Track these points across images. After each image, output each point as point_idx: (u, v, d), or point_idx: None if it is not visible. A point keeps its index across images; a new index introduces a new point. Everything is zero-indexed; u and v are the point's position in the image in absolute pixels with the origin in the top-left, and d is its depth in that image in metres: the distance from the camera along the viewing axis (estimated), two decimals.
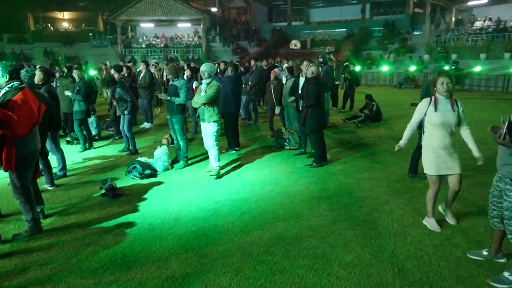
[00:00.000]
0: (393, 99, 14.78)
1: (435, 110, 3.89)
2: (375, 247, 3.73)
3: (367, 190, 5.26)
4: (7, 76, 3.79)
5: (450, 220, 4.19)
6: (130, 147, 7.37)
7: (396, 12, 31.42)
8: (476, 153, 3.89)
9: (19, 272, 3.39)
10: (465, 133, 3.97)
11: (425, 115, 3.99)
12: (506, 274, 3.11)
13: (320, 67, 10.49)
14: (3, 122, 3.39)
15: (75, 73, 7.67)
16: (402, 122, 10.17)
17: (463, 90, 17.83)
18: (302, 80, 6.69)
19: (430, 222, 4.10)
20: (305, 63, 6.82)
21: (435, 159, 3.94)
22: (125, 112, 7.08)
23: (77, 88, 7.34)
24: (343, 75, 12.68)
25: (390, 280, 3.20)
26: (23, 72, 4.73)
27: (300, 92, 6.51)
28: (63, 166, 5.96)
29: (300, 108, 6.42)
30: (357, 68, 15.70)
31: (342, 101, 12.34)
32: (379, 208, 4.65)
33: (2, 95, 3.71)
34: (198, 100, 5.80)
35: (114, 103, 7.53)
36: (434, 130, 3.93)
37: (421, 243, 3.78)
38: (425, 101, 4.03)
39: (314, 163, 6.38)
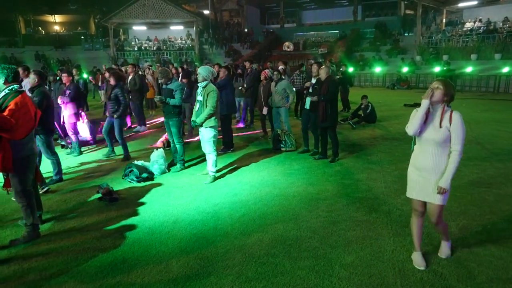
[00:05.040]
0: (386, 100, 14.88)
1: (425, 121, 3.18)
2: (375, 247, 3.75)
3: (365, 191, 5.29)
4: (8, 79, 3.76)
5: (440, 252, 3.55)
6: (123, 152, 7.26)
7: (387, 14, 31.76)
8: (442, 181, 3.12)
9: (18, 278, 3.35)
10: (451, 155, 3.13)
11: None
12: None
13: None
14: (1, 125, 3.36)
15: (64, 77, 7.58)
16: (396, 123, 10.29)
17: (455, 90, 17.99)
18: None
19: (414, 258, 3.45)
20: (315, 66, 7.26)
21: (412, 181, 3.34)
22: (115, 115, 6.99)
23: (68, 91, 7.28)
24: (337, 76, 12.76)
25: (391, 280, 3.22)
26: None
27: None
28: (59, 170, 5.91)
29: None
30: (350, 69, 15.83)
31: None
32: (377, 208, 4.68)
33: (2, 97, 3.69)
34: (203, 115, 5.62)
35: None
36: (419, 144, 3.28)
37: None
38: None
39: (335, 157, 6.79)
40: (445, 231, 3.51)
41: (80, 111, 7.76)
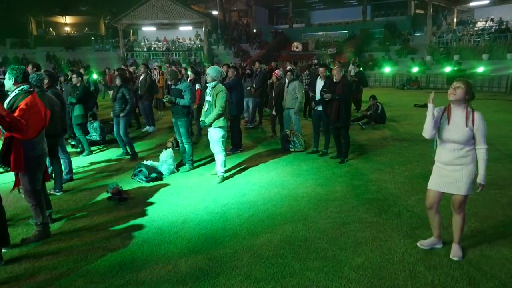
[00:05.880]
0: (396, 101, 14.76)
1: (448, 123, 3.35)
2: (385, 249, 3.71)
3: (375, 192, 5.24)
4: (18, 80, 3.81)
5: (452, 254, 3.52)
6: (129, 151, 7.31)
7: (397, 14, 31.51)
8: (479, 178, 3.35)
9: (29, 276, 3.38)
10: (478, 153, 3.34)
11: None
12: None
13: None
14: (12, 126, 3.39)
15: (74, 78, 7.66)
16: (406, 124, 10.19)
17: None
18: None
19: (427, 239, 3.73)
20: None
21: (434, 173, 3.54)
22: (122, 114, 7.04)
23: (77, 92, 7.36)
24: (350, 76, 12.71)
25: (402, 282, 3.17)
26: (34, 76, 4.74)
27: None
28: (70, 170, 5.97)
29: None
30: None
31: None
32: (387, 210, 4.63)
33: (12, 97, 3.73)
34: (212, 116, 5.64)
35: None
36: (441, 143, 3.45)
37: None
38: (438, 110, 3.43)
39: (344, 158, 6.74)
40: (463, 225, 3.52)
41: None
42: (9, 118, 3.39)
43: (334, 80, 6.56)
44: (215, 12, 34.40)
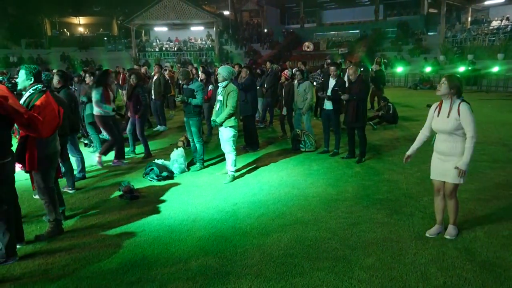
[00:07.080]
0: (408, 101, 14.61)
1: (438, 115, 3.72)
2: (396, 250, 3.67)
3: (386, 193, 5.19)
4: (32, 79, 3.88)
5: (446, 233, 3.85)
6: (144, 151, 7.37)
7: (410, 13, 31.13)
8: (460, 163, 3.54)
9: (42, 272, 3.44)
10: (466, 142, 3.55)
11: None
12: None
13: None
14: (30, 124, 3.45)
15: (87, 78, 7.78)
16: (419, 124, 10.03)
17: (480, 90, 17.52)
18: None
19: (432, 228, 3.96)
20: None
21: (432, 162, 3.90)
22: (137, 116, 7.08)
23: (88, 91, 7.45)
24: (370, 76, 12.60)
25: (413, 283, 3.14)
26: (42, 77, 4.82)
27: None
28: (82, 168, 6.05)
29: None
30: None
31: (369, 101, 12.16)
32: (399, 210, 4.59)
33: (27, 97, 3.80)
34: (223, 115, 5.65)
35: None
36: (436, 134, 3.83)
37: (444, 246, 3.70)
38: (434, 105, 3.84)
39: (362, 157, 6.68)
40: (456, 209, 3.80)
41: None
42: (27, 115, 3.45)
43: (351, 80, 6.54)
44: (226, 12, 34.49)
